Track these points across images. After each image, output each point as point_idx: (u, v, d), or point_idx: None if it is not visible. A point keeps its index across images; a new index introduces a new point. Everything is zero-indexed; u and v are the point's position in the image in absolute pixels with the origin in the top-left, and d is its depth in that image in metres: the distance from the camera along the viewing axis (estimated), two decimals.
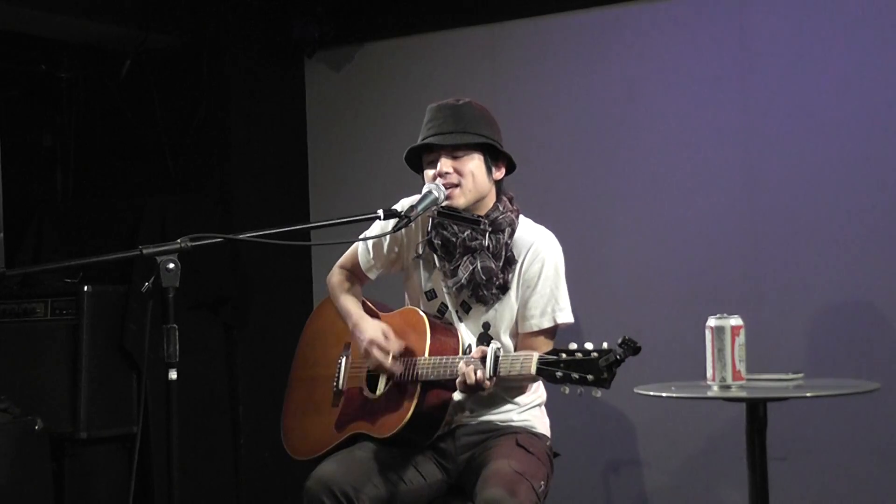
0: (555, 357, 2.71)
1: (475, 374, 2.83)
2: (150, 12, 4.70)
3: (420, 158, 3.12)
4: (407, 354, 3.06)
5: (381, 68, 4.99)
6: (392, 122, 4.84)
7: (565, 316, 3.07)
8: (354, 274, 3.32)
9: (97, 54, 5.02)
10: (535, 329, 3.06)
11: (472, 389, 2.87)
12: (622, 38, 4.45)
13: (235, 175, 4.93)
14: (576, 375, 2.67)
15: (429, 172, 3.07)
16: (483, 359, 2.83)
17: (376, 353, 3.04)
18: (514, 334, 3.11)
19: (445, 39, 4.83)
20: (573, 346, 2.70)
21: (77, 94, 5.19)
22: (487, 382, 2.83)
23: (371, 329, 3.09)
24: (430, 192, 2.99)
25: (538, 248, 3.07)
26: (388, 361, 3.03)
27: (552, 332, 3.07)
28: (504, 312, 3.09)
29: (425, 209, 2.97)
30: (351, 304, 3.24)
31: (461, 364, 2.87)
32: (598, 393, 2.66)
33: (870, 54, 4.03)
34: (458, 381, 2.87)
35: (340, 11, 4.90)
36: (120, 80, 4.89)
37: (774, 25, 4.18)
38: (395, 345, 3.04)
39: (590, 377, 2.65)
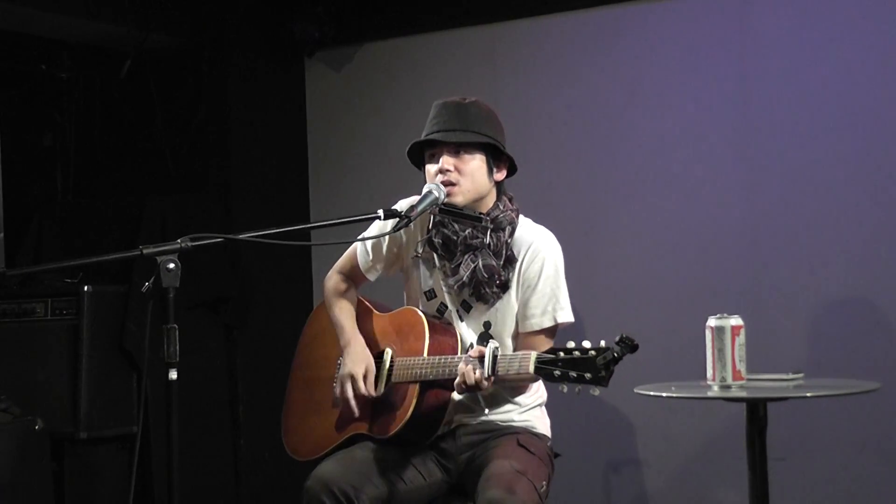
0: (552, 356, 2.71)
1: (474, 373, 2.83)
2: (150, 12, 4.70)
3: (422, 154, 3.12)
4: (405, 355, 3.06)
5: (381, 68, 4.99)
6: (392, 122, 4.84)
7: (566, 315, 3.07)
8: (352, 277, 3.32)
9: (97, 54, 5.02)
10: (536, 328, 3.06)
11: (470, 389, 2.87)
12: (622, 38, 4.45)
13: (235, 175, 4.93)
14: (573, 374, 2.67)
15: (430, 168, 3.07)
16: (481, 358, 2.83)
17: (347, 388, 3.07)
18: (515, 334, 3.11)
19: (445, 39, 4.83)
20: (571, 344, 2.71)
21: (77, 94, 5.19)
22: (486, 382, 2.83)
23: (356, 362, 3.10)
24: (430, 192, 2.99)
25: (538, 247, 3.07)
26: (350, 403, 3.06)
27: (552, 332, 3.07)
28: (505, 311, 3.08)
29: (426, 209, 2.97)
30: (344, 318, 3.24)
31: (460, 364, 2.87)
32: (597, 391, 2.66)
33: (870, 54, 4.03)
34: (456, 381, 2.87)
35: (340, 11, 4.90)
36: (120, 80, 4.89)
37: (774, 25, 4.18)
38: (368, 389, 3.06)
39: (587, 376, 2.65)
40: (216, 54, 4.91)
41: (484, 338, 3.08)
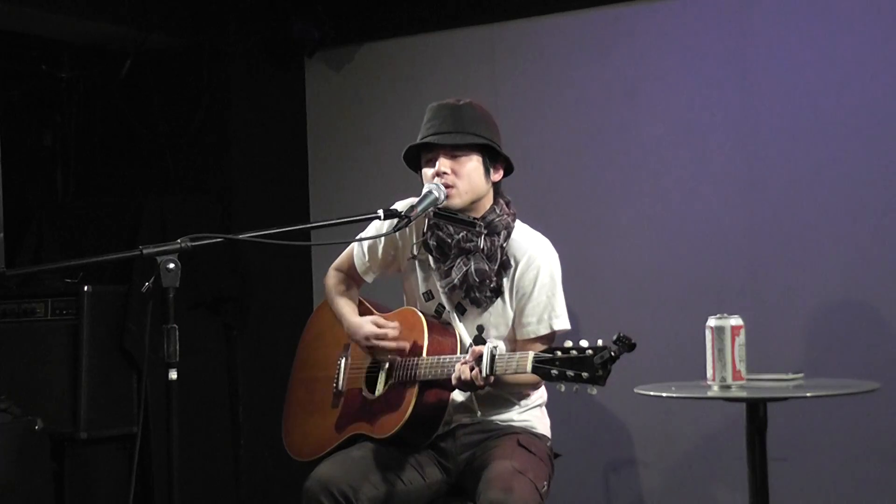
0: (550, 355, 2.72)
1: (470, 371, 2.83)
2: (150, 12, 4.70)
3: (418, 157, 3.12)
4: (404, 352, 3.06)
5: (381, 68, 4.99)
6: (392, 122, 4.84)
7: (561, 323, 3.07)
8: (350, 276, 3.32)
9: (97, 54, 5.02)
10: (532, 336, 3.06)
11: (467, 387, 2.87)
12: (622, 38, 4.44)
13: (235, 175, 4.93)
14: (571, 373, 2.67)
15: (427, 171, 3.06)
16: (479, 358, 2.83)
17: (377, 343, 3.06)
18: (508, 339, 3.11)
19: (445, 39, 4.83)
20: (568, 343, 2.71)
21: (77, 94, 5.18)
22: (482, 380, 2.83)
23: (364, 326, 3.11)
24: (430, 192, 2.99)
25: (533, 255, 3.07)
26: (393, 345, 3.04)
27: (549, 339, 3.06)
28: (498, 316, 3.08)
29: (426, 209, 2.97)
30: (345, 307, 3.24)
31: (457, 363, 2.88)
32: (594, 390, 2.66)
33: (869, 54, 4.03)
34: (453, 377, 2.87)
35: (340, 11, 4.91)
36: (120, 80, 4.89)
37: (774, 25, 4.18)
38: (391, 329, 3.06)
39: (585, 375, 2.65)
40: (216, 54, 4.91)
41: (478, 341, 3.08)
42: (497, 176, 3.11)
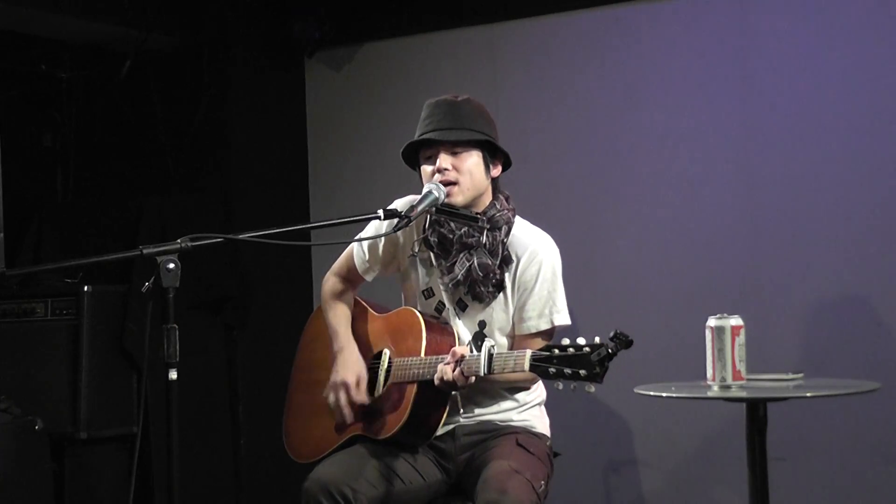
0: (547, 353, 2.72)
1: (453, 371, 2.83)
2: (150, 12, 4.70)
3: (417, 155, 3.11)
4: (402, 356, 3.06)
5: (381, 68, 4.99)
6: (392, 122, 4.84)
7: (562, 318, 3.07)
8: (349, 279, 3.31)
9: (97, 54, 5.03)
10: (533, 331, 3.06)
11: (449, 387, 2.88)
12: (622, 38, 4.45)
13: (235, 175, 4.93)
14: (568, 371, 2.67)
15: (426, 169, 3.05)
16: (461, 358, 2.84)
17: (341, 395, 3.08)
18: (509, 334, 3.11)
19: (445, 39, 4.83)
20: (566, 341, 2.71)
21: (77, 94, 5.19)
22: (463, 380, 2.83)
23: (348, 370, 3.11)
24: (430, 191, 2.98)
25: (535, 250, 3.06)
26: (344, 411, 3.07)
27: (549, 334, 3.07)
28: (499, 312, 3.08)
29: (426, 209, 2.97)
30: (338, 323, 3.24)
31: (440, 364, 2.88)
32: (592, 388, 2.66)
33: (869, 54, 4.03)
34: (435, 377, 2.88)
35: (340, 11, 4.91)
36: (120, 80, 4.89)
37: (774, 25, 4.18)
38: (359, 397, 3.07)
39: (582, 372, 2.65)
40: (216, 54, 4.91)
41: (479, 337, 3.08)
42: (496, 171, 3.10)
